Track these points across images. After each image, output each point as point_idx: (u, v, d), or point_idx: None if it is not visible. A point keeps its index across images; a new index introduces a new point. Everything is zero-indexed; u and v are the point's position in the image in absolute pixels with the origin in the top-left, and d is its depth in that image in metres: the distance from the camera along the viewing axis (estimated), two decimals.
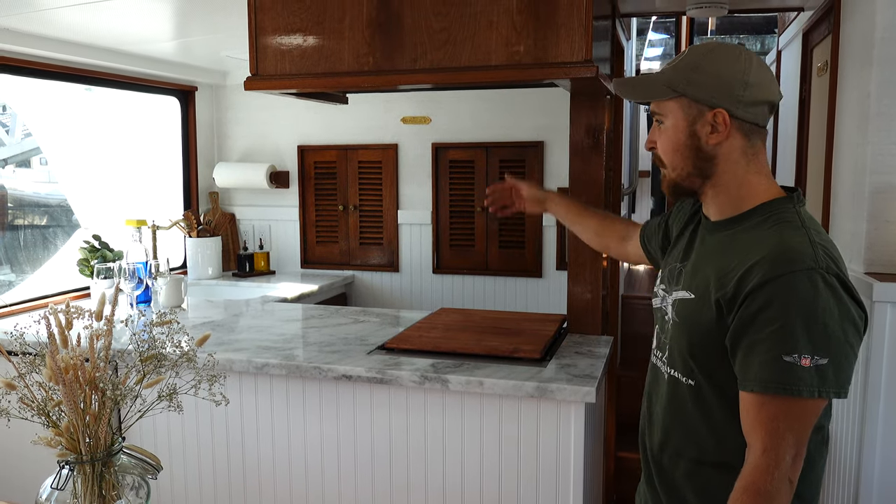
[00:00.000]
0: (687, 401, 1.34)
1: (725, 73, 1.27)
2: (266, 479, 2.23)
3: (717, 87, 1.27)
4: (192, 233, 3.83)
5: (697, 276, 1.33)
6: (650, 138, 1.38)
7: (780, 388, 1.18)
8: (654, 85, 1.33)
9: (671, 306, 1.37)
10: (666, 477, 1.41)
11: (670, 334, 1.37)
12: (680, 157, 1.32)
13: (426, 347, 2.23)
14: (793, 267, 1.18)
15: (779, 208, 1.29)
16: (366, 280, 4.02)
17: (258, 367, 2.14)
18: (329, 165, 4.01)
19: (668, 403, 1.38)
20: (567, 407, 1.94)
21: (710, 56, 1.29)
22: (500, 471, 2.02)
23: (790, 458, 1.19)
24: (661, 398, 1.40)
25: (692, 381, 1.32)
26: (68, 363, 1.21)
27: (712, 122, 1.28)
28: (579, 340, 2.39)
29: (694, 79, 1.28)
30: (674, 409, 1.37)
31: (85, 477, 1.23)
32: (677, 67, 1.31)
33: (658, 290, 1.46)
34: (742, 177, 1.31)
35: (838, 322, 1.18)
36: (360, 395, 2.11)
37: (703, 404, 1.31)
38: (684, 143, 1.31)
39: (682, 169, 1.33)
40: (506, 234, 3.77)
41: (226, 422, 2.25)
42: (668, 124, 1.32)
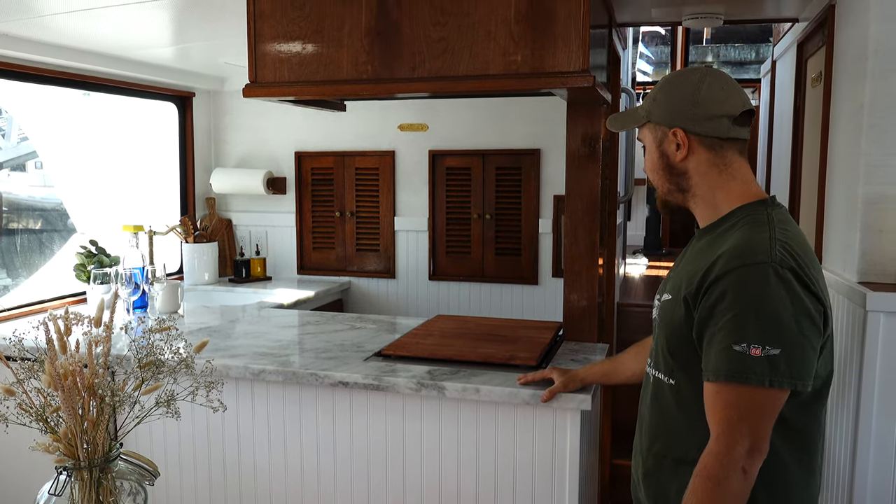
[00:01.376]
0: (669, 400, 1.40)
1: (677, 95, 1.42)
2: (262, 487, 2.23)
3: (671, 109, 1.41)
4: (188, 238, 3.83)
5: (677, 278, 1.41)
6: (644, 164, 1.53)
7: (729, 376, 1.24)
8: (633, 115, 1.48)
9: (657, 310, 1.47)
10: (653, 478, 1.45)
11: (655, 336, 1.46)
12: (658, 176, 1.46)
13: (423, 354, 2.24)
14: (746, 260, 1.26)
15: (752, 211, 1.37)
16: (362, 286, 4.03)
17: (255, 374, 2.14)
18: (326, 172, 4.02)
19: (653, 404, 1.45)
20: (563, 414, 1.95)
21: (668, 82, 1.45)
22: (497, 478, 2.03)
23: (743, 449, 1.23)
24: (648, 400, 1.48)
25: (672, 381, 1.39)
26: (67, 369, 1.21)
27: (675, 140, 1.41)
28: (575, 348, 2.40)
29: (654, 105, 1.44)
30: (658, 409, 1.43)
31: (83, 483, 1.24)
32: (648, 97, 1.47)
33: (656, 300, 1.52)
34: (716, 186, 1.41)
35: (791, 314, 1.23)
36: (356, 402, 2.11)
37: (683, 403, 1.37)
38: (658, 163, 1.45)
39: (662, 186, 1.47)
40: (502, 241, 3.78)
41: (222, 428, 2.25)
42: (647, 148, 1.47)
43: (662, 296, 1.45)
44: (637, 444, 1.53)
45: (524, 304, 3.75)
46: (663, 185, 1.46)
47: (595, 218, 2.50)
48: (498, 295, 3.80)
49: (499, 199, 3.77)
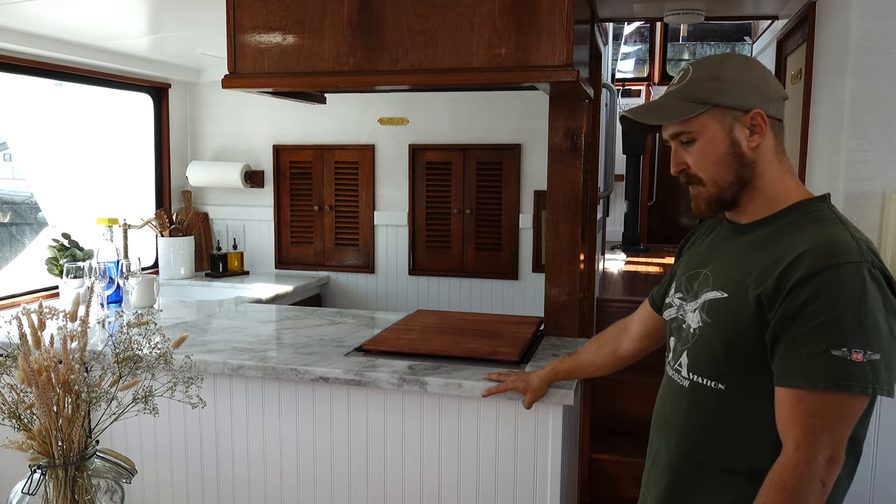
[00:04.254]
0: (715, 406, 1.28)
1: (747, 75, 1.29)
2: (241, 483, 2.20)
3: (747, 90, 1.28)
4: (164, 232, 3.77)
5: (729, 275, 1.29)
6: (677, 160, 1.34)
7: (830, 384, 1.14)
8: (675, 106, 1.30)
9: (698, 310, 1.32)
10: (689, 489, 1.33)
11: (696, 339, 1.32)
12: (723, 169, 1.30)
13: (404, 349, 2.22)
14: (839, 259, 1.16)
15: (812, 207, 1.28)
16: (341, 281, 4.00)
17: (233, 369, 2.11)
18: (305, 165, 3.98)
19: (691, 412, 1.32)
20: (545, 409, 1.94)
21: (726, 64, 1.30)
22: (478, 473, 2.02)
23: (823, 459, 1.15)
24: (681, 408, 1.34)
25: (722, 385, 1.27)
26: (41, 365, 1.18)
27: (750, 124, 1.28)
28: (556, 343, 2.39)
29: (720, 87, 1.28)
30: (698, 417, 1.31)
31: (57, 481, 1.20)
32: (692, 83, 1.30)
33: (672, 301, 1.43)
34: (776, 177, 1.30)
35: (884, 317, 1.15)
36: (337, 397, 2.09)
37: (735, 409, 1.26)
38: (726, 153, 1.29)
39: (723, 180, 1.30)
40: (482, 236, 3.77)
41: (200, 424, 2.21)
42: (702, 140, 1.29)
43: (703, 294, 1.32)
44: (660, 455, 1.40)
45: (504, 298, 3.74)
46: (726, 178, 1.30)
47: (576, 213, 2.50)
48: (478, 290, 3.79)
49: (479, 193, 3.76)
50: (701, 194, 1.34)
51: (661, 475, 1.38)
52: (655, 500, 1.40)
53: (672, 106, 1.31)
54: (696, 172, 1.32)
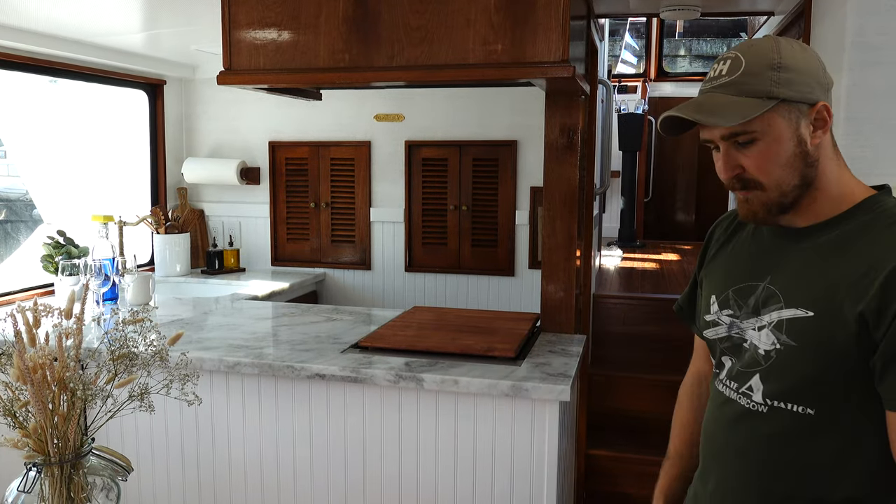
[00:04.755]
0: (802, 433, 1.14)
1: (808, 62, 1.14)
2: (237, 480, 2.20)
3: (811, 79, 1.13)
4: (159, 229, 3.76)
5: (808, 289, 1.14)
6: (731, 164, 1.17)
7: None
8: (735, 103, 1.12)
9: (769, 329, 1.17)
10: None
11: (775, 362, 1.16)
12: (789, 171, 1.14)
13: (400, 346, 2.22)
14: None
15: (881, 204, 1.16)
16: (337, 278, 3.99)
17: (230, 366, 2.11)
18: (301, 162, 3.97)
19: (773, 440, 1.17)
20: (542, 405, 1.94)
21: (783, 50, 1.14)
22: (475, 469, 2.02)
23: None
24: (757, 436, 1.19)
25: (812, 410, 1.13)
26: (36, 362, 1.18)
27: (814, 119, 1.14)
28: (553, 339, 2.39)
29: (785, 79, 1.11)
30: (782, 445, 1.16)
31: (53, 479, 1.20)
32: (751, 74, 1.13)
33: (719, 318, 1.27)
34: (837, 174, 1.18)
35: None
36: (333, 395, 2.09)
37: (827, 435, 1.13)
38: (793, 153, 1.14)
39: (787, 184, 1.15)
40: (479, 232, 3.77)
41: (196, 421, 2.21)
42: (765, 140, 1.13)
43: (772, 311, 1.17)
44: (728, 485, 1.24)
45: (500, 295, 3.74)
46: (791, 181, 1.14)
47: (573, 209, 2.50)
48: (474, 286, 3.79)
49: (475, 190, 3.75)
50: (758, 199, 1.17)
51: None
52: None
53: (731, 103, 1.13)
54: (757, 176, 1.15)
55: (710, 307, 1.29)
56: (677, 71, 8.62)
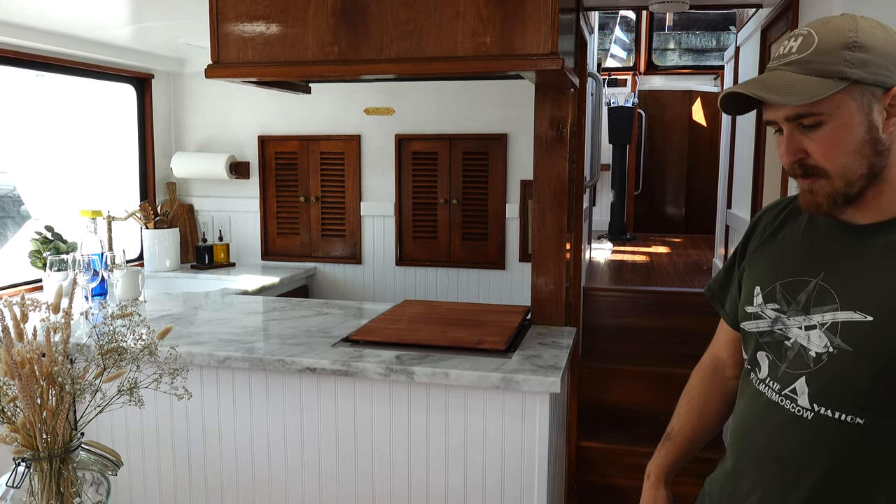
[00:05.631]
0: (851, 442, 1.09)
1: (885, 42, 1.06)
2: (229, 474, 2.20)
3: (888, 61, 1.05)
4: (148, 224, 3.74)
5: (869, 291, 1.08)
6: (794, 148, 1.10)
7: None
8: (804, 82, 1.06)
9: (822, 331, 1.11)
10: None
11: (825, 366, 1.10)
12: (856, 158, 1.07)
13: (391, 339, 2.22)
14: None
15: None
16: (328, 272, 3.99)
17: (220, 361, 2.10)
18: (290, 156, 3.95)
19: (818, 448, 1.12)
20: (532, 397, 1.95)
21: (860, 29, 1.06)
22: (466, 461, 2.02)
23: None
24: (801, 443, 1.13)
25: (861, 420, 1.07)
26: (24, 357, 1.17)
27: (888, 105, 1.06)
28: (543, 332, 2.40)
29: (860, 59, 1.04)
30: (828, 454, 1.11)
31: (42, 474, 1.19)
32: (823, 52, 1.06)
33: (762, 312, 1.20)
34: None
35: None
36: (324, 388, 2.09)
37: (877, 446, 1.08)
38: (862, 140, 1.06)
39: (854, 172, 1.07)
40: (469, 226, 3.77)
41: (187, 416, 2.20)
42: (833, 123, 1.06)
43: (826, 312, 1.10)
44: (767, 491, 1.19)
45: (491, 288, 3.75)
46: (858, 169, 1.07)
47: (562, 202, 2.50)
48: (465, 280, 3.79)
49: (466, 183, 3.75)
50: (822, 189, 1.09)
51: None
52: None
53: (799, 82, 1.05)
54: (821, 163, 1.08)
55: (754, 299, 1.22)
56: (667, 64, 8.64)
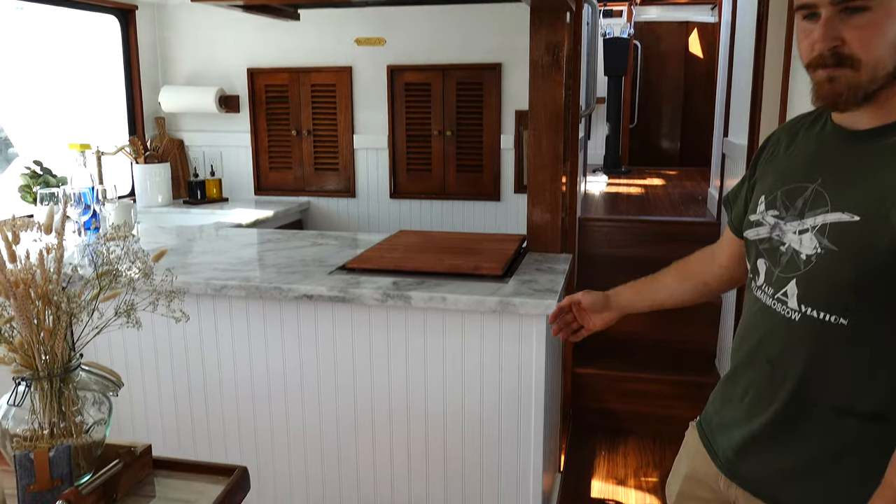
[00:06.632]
0: (833, 343, 1.11)
1: None
2: (229, 399, 2.23)
3: None
4: (138, 159, 3.70)
5: (858, 193, 1.08)
6: (832, 34, 1.06)
7: None
8: None
9: (812, 233, 1.12)
10: (793, 429, 1.17)
11: (813, 267, 1.12)
12: (890, 53, 1.05)
13: (387, 267, 2.22)
14: None
15: None
16: (322, 206, 3.96)
17: (216, 289, 2.10)
18: (281, 89, 3.88)
19: (802, 347, 1.14)
20: (529, 321, 1.96)
21: None
22: (464, 384, 2.05)
23: None
24: (788, 342, 1.16)
25: (845, 320, 1.09)
26: (18, 277, 1.16)
27: None
28: (539, 258, 2.40)
29: None
30: (811, 353, 1.13)
31: (43, 393, 1.20)
32: None
33: (763, 219, 1.22)
34: None
35: None
36: (321, 315, 2.09)
37: (858, 345, 1.10)
38: None
39: (884, 68, 1.06)
40: (463, 157, 3.73)
41: (185, 345, 2.22)
42: (879, 11, 1.03)
43: (818, 215, 1.11)
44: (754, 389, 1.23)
45: (486, 220, 3.74)
46: (888, 65, 1.05)
47: (559, 129, 2.47)
48: (460, 212, 3.78)
49: (459, 115, 3.70)
50: (845, 79, 1.07)
51: (756, 412, 1.22)
52: (748, 436, 1.24)
53: None
54: (857, 52, 1.05)
55: (758, 207, 1.24)
56: None
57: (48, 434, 1.20)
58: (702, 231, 3.73)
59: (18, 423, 1.20)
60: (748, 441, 1.24)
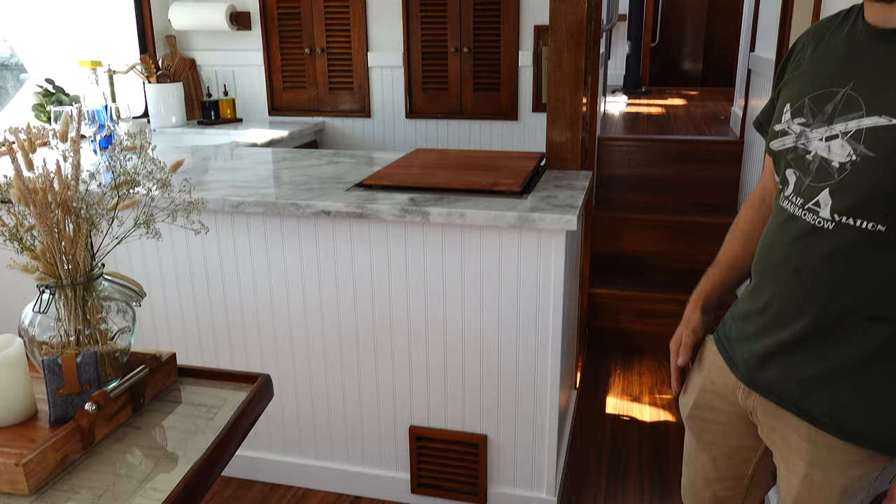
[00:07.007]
0: (870, 249, 1.09)
1: None
2: (249, 315, 2.25)
3: None
4: (150, 78, 3.64)
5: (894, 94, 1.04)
6: None
7: None
8: None
9: (845, 139, 1.08)
10: (825, 339, 1.16)
11: (848, 175, 1.08)
12: None
13: (405, 183, 2.20)
14: None
15: None
16: (337, 126, 3.91)
17: (234, 206, 2.09)
18: (293, 4, 3.77)
19: (836, 257, 1.12)
20: (548, 236, 1.95)
21: None
22: (482, 302, 2.05)
23: None
24: (820, 252, 1.13)
25: (883, 227, 1.07)
26: (36, 185, 1.15)
27: None
28: (558, 175, 2.37)
29: None
30: (846, 262, 1.11)
31: (67, 300, 1.21)
32: None
33: (789, 128, 1.19)
34: None
35: None
36: (339, 231, 2.09)
37: (894, 252, 1.08)
38: None
39: None
40: (481, 76, 3.64)
41: (204, 261, 2.23)
42: None
43: (851, 120, 1.08)
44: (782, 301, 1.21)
45: (504, 139, 3.68)
46: None
47: (580, 41, 2.39)
48: (477, 131, 3.72)
49: (477, 31, 3.59)
50: None
51: (781, 323, 1.21)
52: (773, 346, 1.23)
53: None
54: None
55: (783, 115, 1.20)
56: None
57: (74, 341, 1.22)
58: (725, 150, 3.65)
59: (45, 331, 1.22)
60: (772, 351, 1.22)
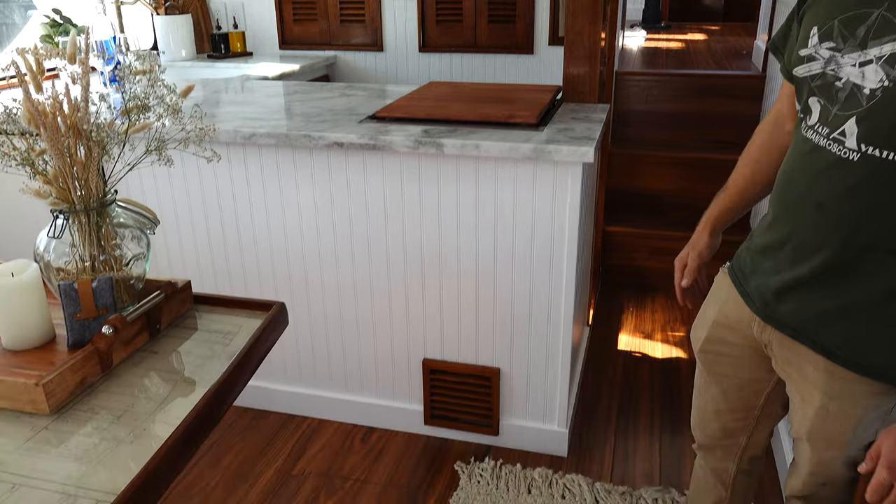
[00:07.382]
0: (893, 183, 1.05)
1: None
2: (263, 246, 2.25)
3: None
4: (159, 10, 3.57)
5: None
6: None
7: None
8: None
9: (879, 64, 1.02)
10: (847, 273, 1.13)
11: (878, 102, 1.03)
12: None
13: (418, 115, 2.16)
14: None
15: None
16: (349, 60, 3.84)
17: (246, 137, 2.07)
18: None
19: (861, 189, 1.08)
20: (564, 168, 1.92)
21: None
22: (496, 235, 2.04)
23: None
24: (845, 184, 1.10)
25: None
26: (45, 109, 1.13)
27: None
28: (575, 108, 2.32)
29: None
30: (871, 194, 1.07)
31: (81, 226, 1.20)
32: None
33: (816, 53, 1.13)
34: None
35: None
36: (352, 163, 2.06)
37: None
38: None
39: None
40: (496, 7, 3.55)
41: (217, 192, 2.22)
42: None
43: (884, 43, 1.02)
44: (802, 234, 1.17)
45: (519, 73, 3.61)
46: None
47: None
48: (492, 65, 3.64)
49: None
50: None
51: (801, 257, 1.18)
52: (791, 279, 1.20)
53: None
54: None
55: (809, 40, 1.13)
56: None
57: (90, 267, 1.22)
58: (746, 84, 3.56)
59: (60, 257, 1.22)
60: (790, 285, 1.20)
